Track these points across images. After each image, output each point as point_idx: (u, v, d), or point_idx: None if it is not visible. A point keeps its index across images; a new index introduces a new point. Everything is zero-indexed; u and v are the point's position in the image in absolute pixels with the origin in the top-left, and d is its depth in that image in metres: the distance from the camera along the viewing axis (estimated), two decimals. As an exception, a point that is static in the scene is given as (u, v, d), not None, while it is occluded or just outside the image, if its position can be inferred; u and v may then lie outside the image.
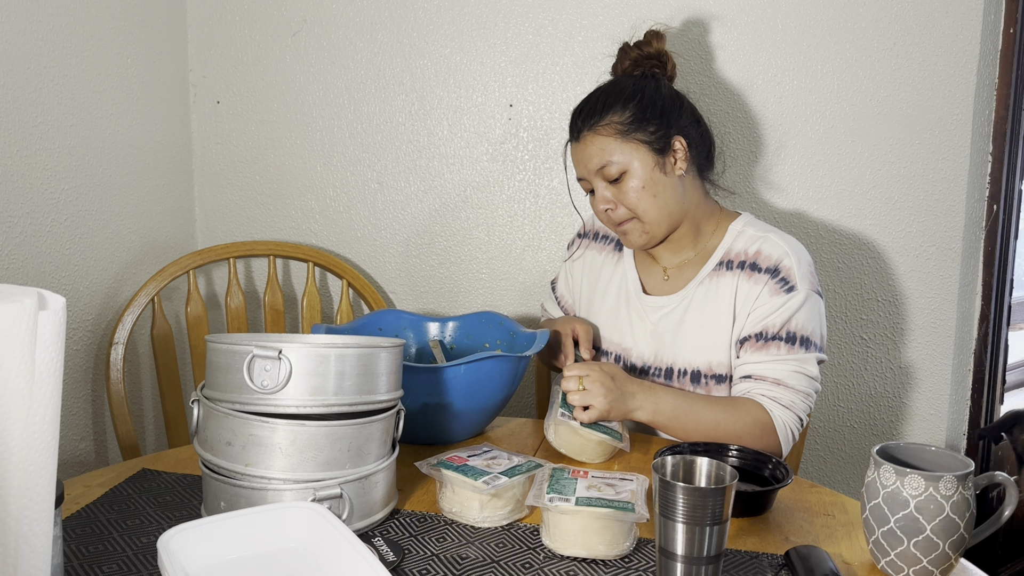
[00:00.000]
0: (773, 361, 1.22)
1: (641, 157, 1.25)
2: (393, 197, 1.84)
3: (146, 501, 1.01)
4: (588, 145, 1.27)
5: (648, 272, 1.39)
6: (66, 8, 1.49)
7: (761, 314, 1.23)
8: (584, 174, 1.30)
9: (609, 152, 1.25)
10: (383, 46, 1.79)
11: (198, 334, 1.69)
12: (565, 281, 1.52)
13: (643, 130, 1.25)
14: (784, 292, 1.23)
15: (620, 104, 1.26)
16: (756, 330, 1.23)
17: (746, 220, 1.33)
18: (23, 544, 0.58)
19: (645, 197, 1.25)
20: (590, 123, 1.27)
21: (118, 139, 1.64)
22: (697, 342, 1.29)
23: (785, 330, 1.22)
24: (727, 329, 1.27)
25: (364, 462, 0.92)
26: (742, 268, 1.27)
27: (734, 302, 1.26)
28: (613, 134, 1.25)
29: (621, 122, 1.25)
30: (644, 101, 1.27)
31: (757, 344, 1.23)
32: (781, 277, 1.23)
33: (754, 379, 1.23)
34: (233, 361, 0.89)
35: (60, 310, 0.58)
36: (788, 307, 1.22)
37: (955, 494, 0.81)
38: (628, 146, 1.25)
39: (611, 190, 1.27)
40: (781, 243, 1.26)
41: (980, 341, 1.68)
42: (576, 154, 1.31)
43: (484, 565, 0.87)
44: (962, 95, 1.57)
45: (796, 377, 1.21)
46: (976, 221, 1.63)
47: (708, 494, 0.74)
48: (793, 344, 1.22)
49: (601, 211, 1.30)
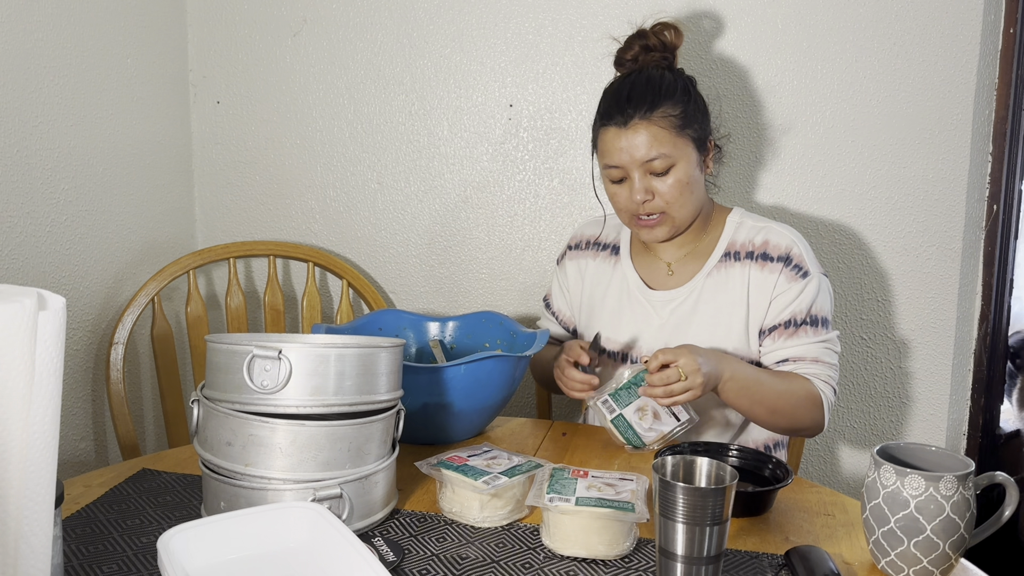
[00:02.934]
0: (807, 343, 1.27)
1: (688, 154, 1.26)
2: (393, 197, 1.84)
3: (146, 501, 1.01)
4: (639, 133, 1.24)
5: (649, 269, 1.39)
6: (66, 8, 1.49)
7: (784, 302, 1.27)
8: (624, 162, 1.26)
9: (662, 144, 1.24)
10: (383, 46, 1.79)
11: (198, 334, 1.69)
12: (560, 294, 1.50)
13: (692, 127, 1.27)
14: (800, 278, 1.27)
15: (673, 99, 1.25)
16: (784, 318, 1.28)
17: (741, 212, 1.37)
18: (23, 544, 0.58)
19: (685, 192, 1.27)
20: (643, 111, 1.24)
21: (118, 139, 1.64)
22: (710, 332, 1.31)
23: (810, 315, 1.27)
24: (741, 318, 1.29)
25: (364, 462, 0.92)
26: (751, 258, 1.30)
27: (747, 291, 1.30)
28: (668, 127, 1.24)
29: (676, 116, 1.25)
30: (691, 100, 1.27)
31: (787, 331, 1.28)
32: (795, 264, 1.28)
33: (793, 361, 1.27)
34: (233, 361, 0.89)
35: (60, 310, 0.58)
36: (808, 292, 1.27)
37: (955, 494, 0.81)
38: (681, 141, 1.25)
39: (652, 181, 1.26)
40: (785, 232, 1.31)
41: (980, 341, 1.68)
42: (618, 140, 1.25)
43: (484, 565, 0.87)
44: (962, 95, 1.57)
45: (829, 354, 1.28)
46: (976, 221, 1.63)
47: (708, 494, 0.74)
48: (818, 326, 1.28)
49: (635, 202, 1.27)
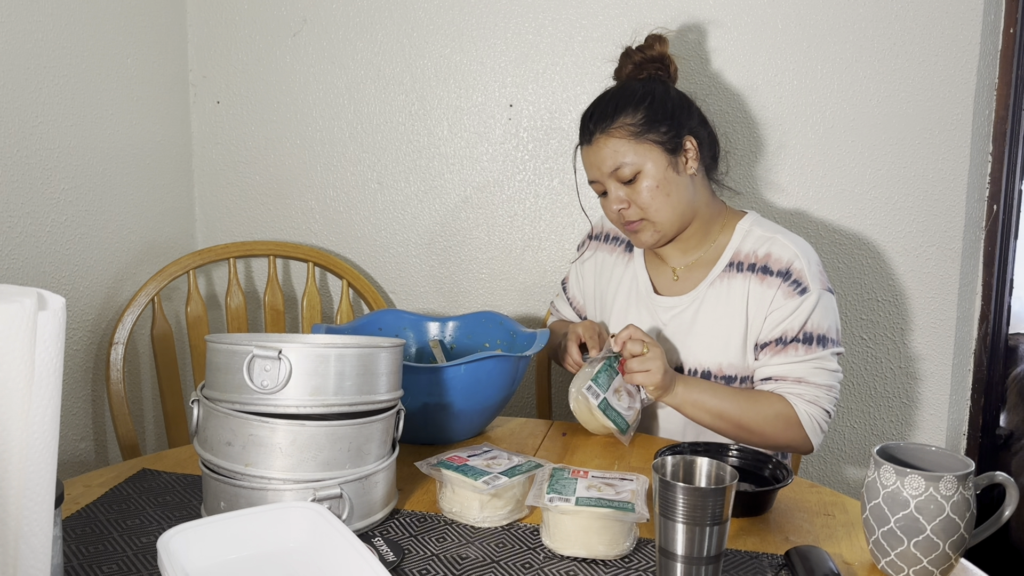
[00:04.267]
0: (793, 362, 1.24)
1: (654, 158, 1.27)
2: (393, 197, 1.84)
3: (146, 501, 1.01)
4: (601, 148, 1.28)
5: (658, 272, 1.40)
6: (66, 8, 1.49)
7: (777, 318, 1.25)
8: (597, 176, 1.30)
9: (622, 153, 1.26)
10: (383, 46, 1.79)
11: (198, 334, 1.69)
12: (576, 282, 1.52)
13: (655, 131, 1.27)
14: (797, 295, 1.24)
15: (631, 106, 1.27)
16: (775, 335, 1.25)
17: (752, 219, 1.34)
18: (23, 544, 0.58)
19: (659, 196, 1.27)
20: (602, 126, 1.28)
21: (118, 139, 1.64)
22: (708, 343, 1.30)
23: (802, 332, 1.24)
24: (739, 331, 1.28)
25: (364, 462, 0.92)
26: (753, 271, 1.28)
27: (746, 305, 1.28)
28: (626, 136, 1.26)
29: (634, 124, 1.26)
30: (655, 103, 1.28)
31: (776, 348, 1.25)
32: (793, 280, 1.24)
33: (775, 380, 1.25)
34: (233, 361, 0.89)
35: (60, 310, 0.58)
36: (803, 309, 1.23)
37: (955, 494, 0.81)
38: (642, 147, 1.26)
39: (625, 190, 1.28)
40: (790, 245, 1.27)
41: (980, 341, 1.68)
42: (588, 157, 1.31)
43: (484, 565, 0.87)
44: (962, 95, 1.57)
45: (817, 373, 1.24)
46: (976, 221, 1.63)
47: (708, 494, 0.74)
48: (811, 344, 1.24)
49: (614, 212, 1.31)
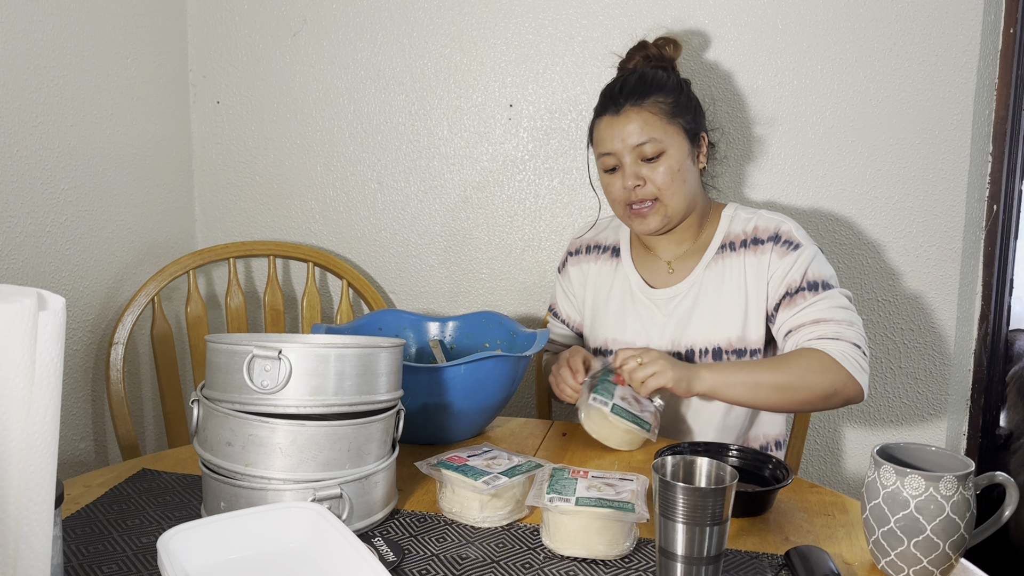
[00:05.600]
0: (805, 307, 1.26)
1: (679, 142, 1.30)
2: (393, 197, 1.84)
3: (146, 501, 1.01)
4: (631, 119, 1.28)
5: (649, 269, 1.40)
6: (66, 8, 1.49)
7: (779, 277, 1.29)
8: (617, 148, 1.30)
9: (652, 129, 1.28)
10: (383, 46, 1.79)
11: (198, 334, 1.69)
12: (565, 301, 1.51)
13: (683, 117, 1.30)
14: (792, 251, 1.28)
15: (665, 90, 1.30)
16: (781, 292, 1.29)
17: (735, 206, 1.39)
18: (23, 544, 0.58)
19: (677, 180, 1.29)
20: (635, 99, 1.29)
21: (118, 139, 1.64)
22: (713, 320, 1.32)
23: (805, 280, 1.27)
24: (741, 305, 1.31)
25: (364, 462, 0.92)
26: (745, 246, 1.32)
27: (745, 279, 1.31)
28: (659, 113, 1.29)
29: (667, 103, 1.29)
30: (683, 93, 1.32)
31: (786, 302, 1.28)
32: (784, 240, 1.29)
33: (795, 331, 1.27)
34: (233, 361, 0.89)
35: (60, 310, 0.58)
36: (801, 262, 1.28)
37: (955, 494, 0.81)
38: (671, 128, 1.29)
39: (643, 168, 1.29)
40: (774, 215, 1.33)
41: (980, 341, 1.68)
42: (611, 128, 1.30)
43: (484, 565, 0.87)
44: (962, 95, 1.57)
45: (831, 311, 1.25)
46: (976, 221, 1.63)
47: (708, 494, 0.74)
48: (816, 290, 1.27)
49: (626, 189, 1.30)
